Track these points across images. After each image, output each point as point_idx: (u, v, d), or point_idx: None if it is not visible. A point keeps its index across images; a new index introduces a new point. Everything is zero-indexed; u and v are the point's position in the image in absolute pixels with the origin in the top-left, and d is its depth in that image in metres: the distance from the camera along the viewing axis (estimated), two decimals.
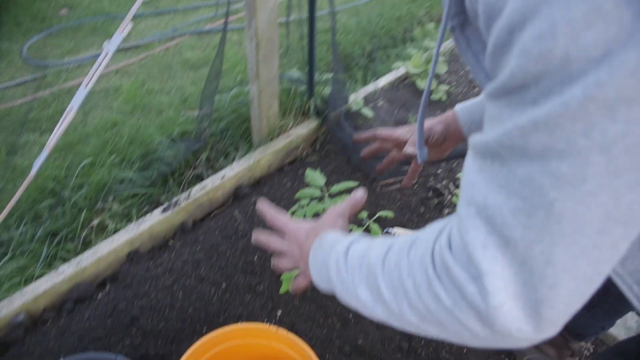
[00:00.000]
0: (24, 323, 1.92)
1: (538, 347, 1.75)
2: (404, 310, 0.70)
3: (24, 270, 2.14)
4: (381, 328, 1.86)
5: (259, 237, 1.16)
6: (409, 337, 1.86)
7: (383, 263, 0.75)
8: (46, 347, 1.79)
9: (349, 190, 2.26)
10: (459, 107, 1.37)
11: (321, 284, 0.96)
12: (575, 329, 1.68)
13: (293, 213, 1.79)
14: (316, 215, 2.01)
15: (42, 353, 1.76)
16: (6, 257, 2.18)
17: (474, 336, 0.63)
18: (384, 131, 1.51)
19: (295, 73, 3.14)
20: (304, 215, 1.77)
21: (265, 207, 1.17)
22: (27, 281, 2.09)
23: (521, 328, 0.58)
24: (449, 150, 1.48)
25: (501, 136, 0.54)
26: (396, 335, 1.85)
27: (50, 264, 2.19)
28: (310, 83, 2.85)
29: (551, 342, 1.73)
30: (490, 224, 0.56)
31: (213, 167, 2.69)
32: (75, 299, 2.01)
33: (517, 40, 0.49)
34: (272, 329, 1.43)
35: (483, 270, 0.57)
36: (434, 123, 1.38)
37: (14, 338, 1.87)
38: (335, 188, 1.83)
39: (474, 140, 0.60)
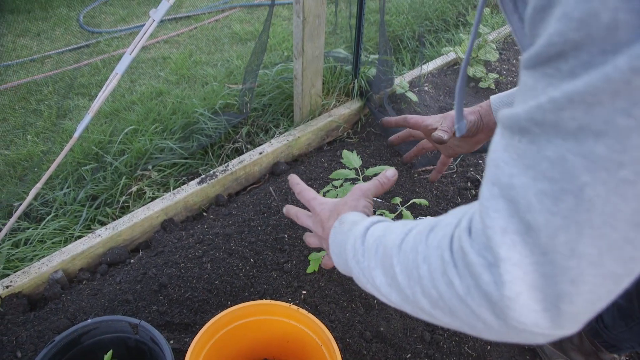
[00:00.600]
0: (62, 281, 2.00)
1: (565, 352, 1.69)
2: (417, 297, 0.66)
3: (65, 230, 2.22)
4: (404, 317, 1.84)
5: (290, 209, 1.18)
6: (432, 329, 1.83)
7: (400, 247, 0.71)
8: (79, 305, 1.85)
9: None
10: (494, 98, 1.29)
11: (340, 266, 0.94)
12: (610, 340, 1.58)
13: (325, 193, 1.78)
14: None
15: (75, 311, 1.83)
16: (49, 217, 2.26)
17: (487, 328, 0.59)
18: (414, 118, 1.45)
19: (341, 52, 3.10)
20: (336, 196, 1.76)
21: (294, 180, 1.19)
22: (67, 241, 2.17)
23: (537, 322, 0.53)
24: (482, 143, 1.40)
25: (533, 110, 0.49)
26: (419, 325, 1.83)
27: (89, 227, 2.26)
28: (356, 63, 2.81)
29: (580, 349, 1.65)
30: (513, 207, 0.51)
31: (253, 142, 2.70)
32: (109, 262, 2.07)
33: (558, 2, 0.44)
34: (293, 308, 1.43)
35: (500, 257, 0.52)
36: (468, 113, 1.30)
37: (52, 294, 1.95)
38: (371, 171, 1.81)
39: (503, 114, 0.55)
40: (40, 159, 2.60)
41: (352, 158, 1.89)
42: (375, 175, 1.83)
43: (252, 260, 1.95)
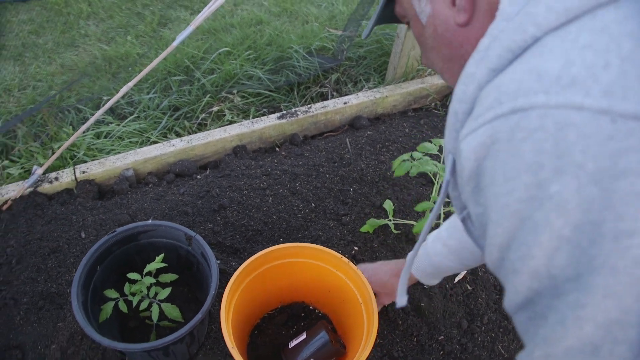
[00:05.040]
0: (131, 179, 2.08)
1: None
2: None
3: (143, 132, 2.29)
4: (447, 299, 1.79)
5: None
6: (471, 318, 1.78)
7: None
8: (142, 205, 1.92)
9: None
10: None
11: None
12: None
13: (402, 161, 1.72)
14: (421, 173, 1.93)
15: (137, 210, 1.90)
16: (131, 117, 2.33)
17: None
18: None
19: None
20: (410, 168, 1.70)
21: None
22: (143, 143, 2.24)
23: None
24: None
25: None
26: (460, 311, 1.78)
27: (165, 135, 2.32)
28: None
29: None
30: None
31: (339, 91, 2.66)
32: (177, 172, 2.13)
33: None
34: (344, 260, 1.41)
35: None
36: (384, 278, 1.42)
37: (120, 189, 2.03)
38: None
39: None
40: (135, 60, 2.67)
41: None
42: None
43: (313, 204, 1.95)
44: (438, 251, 1.24)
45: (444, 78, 0.81)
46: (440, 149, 1.73)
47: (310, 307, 1.67)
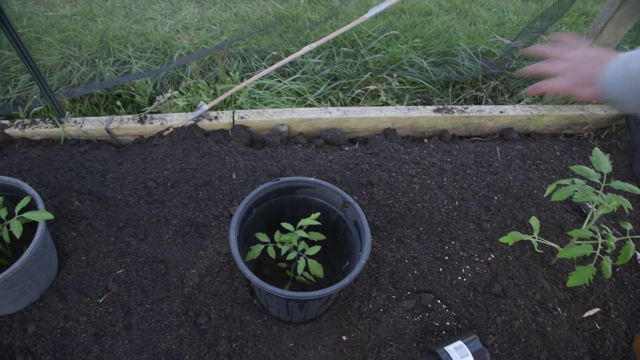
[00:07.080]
0: (283, 134, 2.15)
1: None
2: None
3: (301, 94, 2.36)
4: (574, 331, 1.72)
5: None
6: (595, 358, 1.70)
7: None
8: (291, 162, 1.99)
9: (627, 194, 2.03)
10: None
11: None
12: None
13: (557, 186, 1.66)
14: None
15: (286, 165, 1.97)
16: (293, 76, 2.41)
17: None
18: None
19: (626, 49, 2.79)
20: (574, 192, 1.63)
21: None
22: (299, 104, 2.31)
23: None
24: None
25: None
26: (584, 347, 1.70)
27: (319, 101, 2.38)
28: None
29: None
30: None
31: (494, 99, 2.60)
32: (327, 139, 2.18)
33: None
34: None
35: None
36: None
37: (272, 142, 2.12)
38: (616, 184, 1.64)
39: None
40: (304, 25, 2.74)
41: (602, 160, 1.72)
42: (621, 190, 1.65)
43: (456, 202, 1.93)
44: None
45: None
46: (602, 178, 1.64)
47: None
